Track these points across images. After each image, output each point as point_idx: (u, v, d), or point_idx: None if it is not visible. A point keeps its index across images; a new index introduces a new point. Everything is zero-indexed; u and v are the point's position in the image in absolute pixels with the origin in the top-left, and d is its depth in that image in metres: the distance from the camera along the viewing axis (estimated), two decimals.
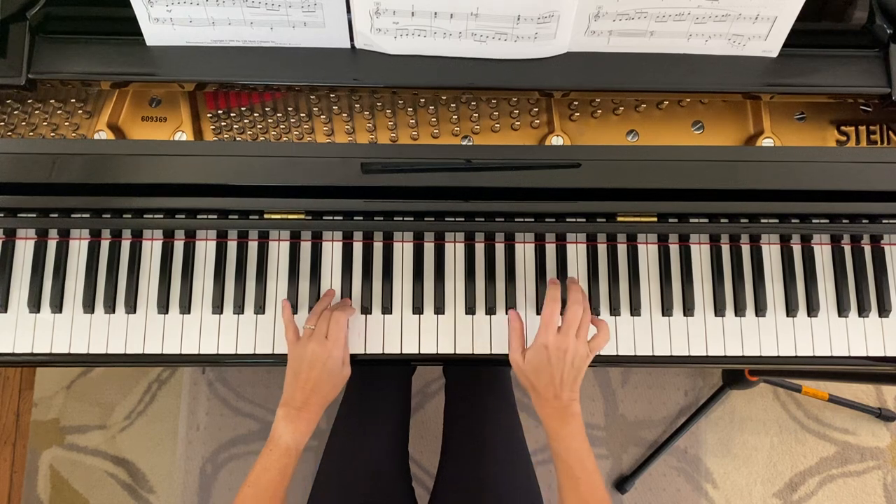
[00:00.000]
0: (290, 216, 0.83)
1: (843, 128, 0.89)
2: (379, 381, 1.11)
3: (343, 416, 1.07)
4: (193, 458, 1.61)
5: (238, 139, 0.87)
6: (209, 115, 0.87)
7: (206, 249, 0.91)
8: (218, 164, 0.79)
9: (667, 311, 0.90)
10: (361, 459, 0.99)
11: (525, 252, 0.91)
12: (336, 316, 0.83)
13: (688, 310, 0.90)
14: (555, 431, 0.79)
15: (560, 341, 0.79)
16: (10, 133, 0.86)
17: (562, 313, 0.82)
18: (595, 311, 0.90)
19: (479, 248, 0.91)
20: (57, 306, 0.89)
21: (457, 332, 0.89)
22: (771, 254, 0.92)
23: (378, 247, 0.91)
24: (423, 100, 0.87)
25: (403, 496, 0.99)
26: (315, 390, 0.82)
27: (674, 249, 0.92)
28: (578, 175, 0.78)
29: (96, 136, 0.86)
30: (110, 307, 0.89)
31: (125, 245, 0.90)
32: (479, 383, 1.11)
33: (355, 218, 0.84)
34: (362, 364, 0.89)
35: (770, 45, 0.79)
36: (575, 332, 0.80)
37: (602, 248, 0.92)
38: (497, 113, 0.88)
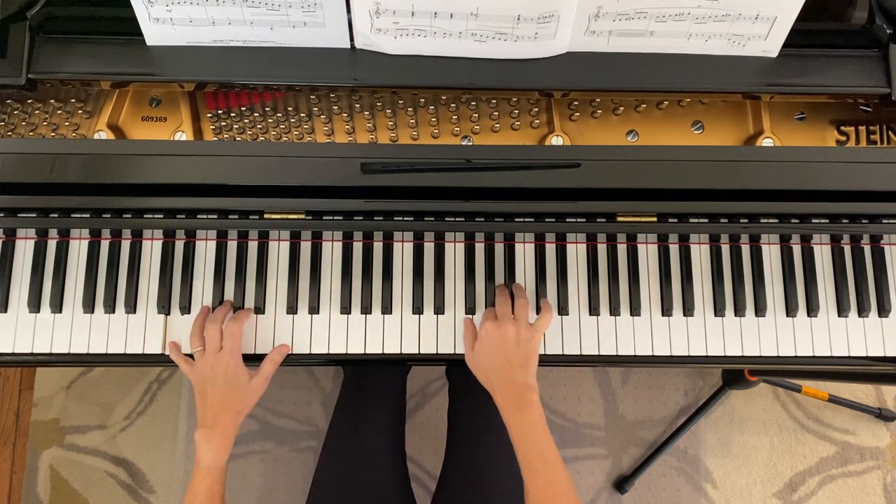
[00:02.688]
0: (290, 216, 0.83)
1: (843, 128, 0.89)
2: (374, 382, 1.11)
3: (338, 417, 1.07)
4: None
5: (238, 139, 0.87)
6: (209, 115, 0.87)
7: (206, 249, 0.91)
8: (218, 164, 0.79)
9: (667, 311, 0.90)
10: (358, 460, 0.99)
11: (525, 252, 0.91)
12: (230, 327, 0.83)
13: (688, 310, 0.90)
14: (513, 422, 0.79)
15: (499, 324, 0.81)
16: (10, 133, 0.86)
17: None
18: (595, 311, 0.90)
19: (479, 248, 0.91)
20: (57, 306, 0.89)
21: (457, 332, 0.89)
22: (771, 254, 0.92)
23: (378, 247, 0.91)
24: (423, 100, 0.87)
25: (401, 496, 0.99)
26: (223, 405, 0.81)
27: (674, 249, 0.92)
28: (578, 175, 0.78)
29: (96, 136, 0.86)
30: (110, 307, 0.89)
31: (125, 245, 0.90)
32: (481, 385, 1.11)
33: (355, 218, 0.84)
34: (362, 364, 0.89)
35: (770, 45, 0.79)
36: (510, 315, 0.82)
37: (602, 248, 0.91)
38: (497, 113, 0.88)
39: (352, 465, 0.98)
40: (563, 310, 0.90)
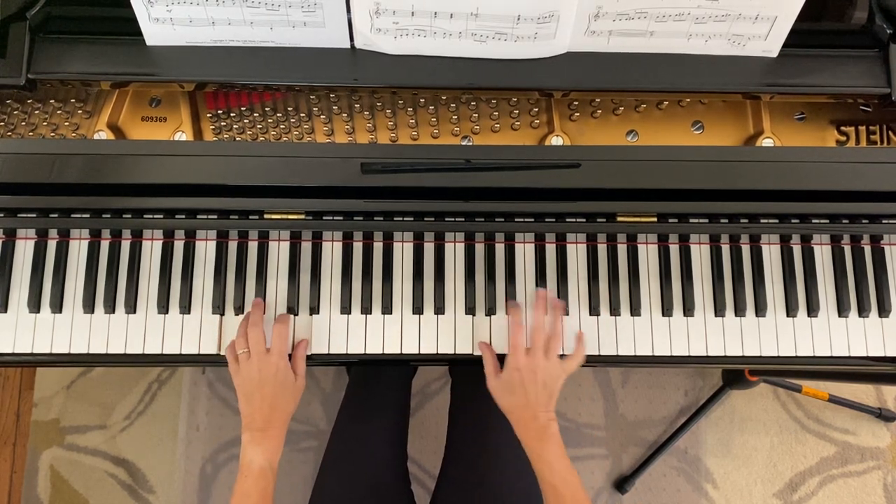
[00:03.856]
0: (290, 216, 0.83)
1: (843, 128, 0.88)
2: (379, 384, 1.11)
3: (343, 418, 1.07)
4: (193, 458, 1.61)
5: (238, 139, 0.87)
6: (209, 115, 0.87)
7: (206, 249, 0.91)
8: (218, 164, 0.79)
9: (667, 311, 0.90)
10: (361, 463, 0.99)
11: (525, 252, 0.91)
12: (277, 329, 0.83)
13: (688, 310, 0.90)
14: (536, 453, 0.80)
15: (529, 362, 0.81)
16: (10, 133, 0.86)
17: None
18: (595, 311, 0.90)
19: (479, 248, 0.91)
20: (57, 306, 0.88)
21: (457, 332, 0.89)
22: (771, 254, 0.92)
23: (378, 247, 0.91)
24: (423, 100, 0.87)
25: (402, 498, 0.99)
26: (274, 407, 0.80)
27: (674, 249, 0.92)
28: (578, 175, 0.78)
29: (96, 136, 0.86)
30: (110, 307, 0.89)
31: (125, 245, 0.90)
32: (484, 384, 1.11)
33: (355, 218, 0.84)
34: (362, 364, 0.89)
35: (770, 45, 0.79)
36: (543, 353, 0.81)
37: (602, 248, 0.91)
38: (497, 113, 0.88)
39: (354, 470, 0.98)
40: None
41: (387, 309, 0.89)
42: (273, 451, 0.80)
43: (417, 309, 0.89)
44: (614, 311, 0.90)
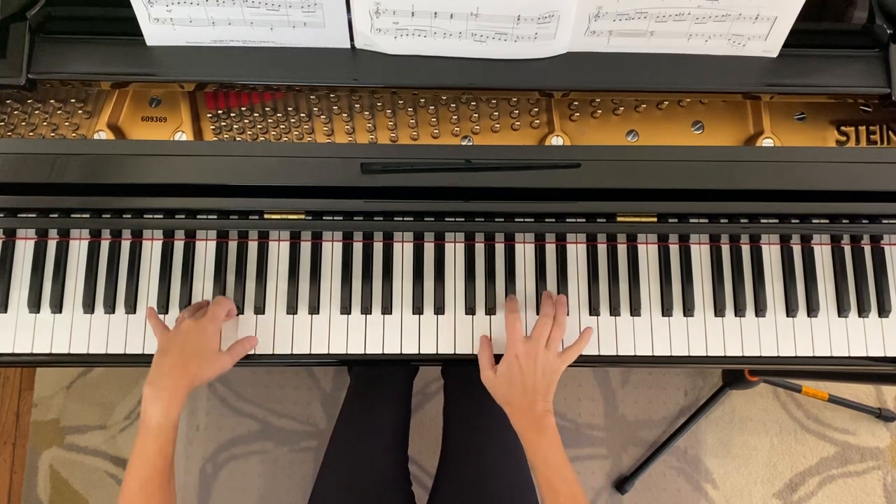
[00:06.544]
0: (290, 216, 0.83)
1: (843, 128, 0.88)
2: (381, 383, 1.11)
3: (345, 417, 1.07)
4: (193, 458, 1.61)
5: (238, 139, 0.87)
6: (209, 115, 0.87)
7: (206, 249, 0.91)
8: (218, 164, 0.79)
9: (667, 311, 0.90)
10: (362, 461, 0.99)
11: (525, 252, 0.91)
12: (220, 298, 0.84)
13: (688, 310, 0.90)
14: (532, 444, 0.79)
15: (529, 350, 0.81)
16: (10, 133, 0.86)
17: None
18: (595, 311, 0.90)
19: (479, 248, 0.91)
20: (57, 306, 0.88)
21: (457, 332, 0.89)
22: (771, 254, 0.92)
23: (378, 247, 0.91)
24: (423, 100, 0.87)
25: (403, 497, 0.99)
26: (183, 366, 0.78)
27: (674, 249, 0.92)
28: (578, 175, 0.78)
29: (96, 136, 0.86)
30: (110, 307, 0.89)
31: (125, 245, 0.90)
32: (478, 384, 1.10)
33: (355, 218, 0.84)
34: (363, 364, 0.89)
35: (770, 45, 0.79)
36: (544, 342, 0.81)
37: (602, 248, 0.91)
38: (497, 113, 0.88)
39: (355, 463, 0.98)
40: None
41: (387, 309, 0.89)
42: (173, 408, 0.77)
43: (417, 309, 0.89)
44: (614, 311, 0.90)
